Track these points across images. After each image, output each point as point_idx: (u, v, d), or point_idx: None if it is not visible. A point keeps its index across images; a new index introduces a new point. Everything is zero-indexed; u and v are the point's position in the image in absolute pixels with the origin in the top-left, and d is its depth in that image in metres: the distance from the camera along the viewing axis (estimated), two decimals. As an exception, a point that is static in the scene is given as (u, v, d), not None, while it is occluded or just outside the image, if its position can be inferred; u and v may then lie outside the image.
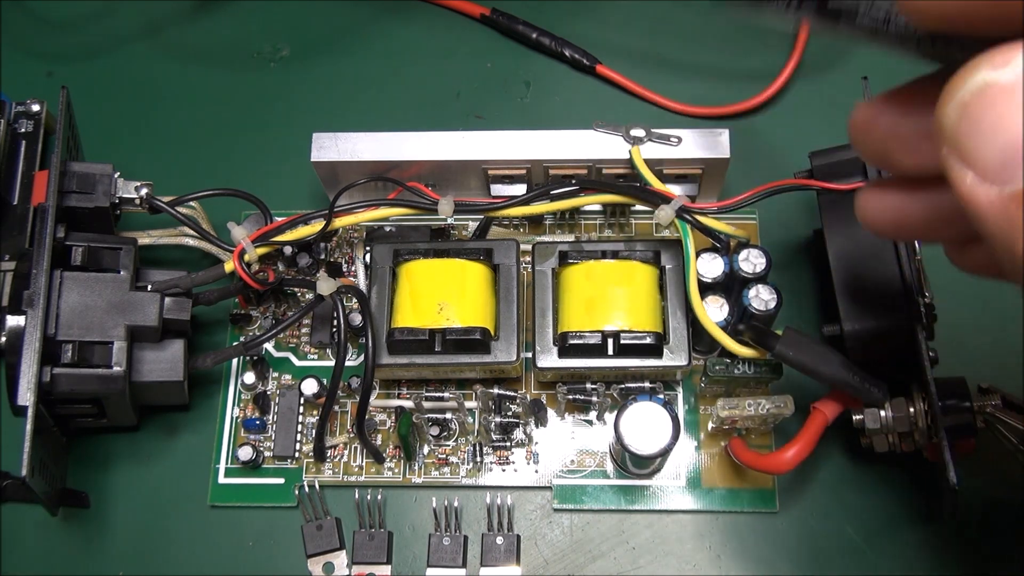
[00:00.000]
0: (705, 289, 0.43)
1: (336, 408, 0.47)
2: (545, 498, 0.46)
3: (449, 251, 0.45)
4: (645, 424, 0.42)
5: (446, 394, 0.47)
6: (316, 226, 0.46)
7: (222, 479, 0.46)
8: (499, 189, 0.48)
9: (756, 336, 0.41)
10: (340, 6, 0.59)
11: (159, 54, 0.58)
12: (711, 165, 0.46)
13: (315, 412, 0.47)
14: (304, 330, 0.49)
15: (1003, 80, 0.22)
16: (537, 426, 0.46)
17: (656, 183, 0.45)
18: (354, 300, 0.46)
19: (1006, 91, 0.22)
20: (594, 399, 0.45)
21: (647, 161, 0.45)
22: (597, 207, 0.50)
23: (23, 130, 0.51)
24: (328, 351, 0.48)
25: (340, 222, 0.46)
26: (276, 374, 0.48)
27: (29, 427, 0.39)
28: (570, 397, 0.46)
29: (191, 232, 0.47)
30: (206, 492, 0.46)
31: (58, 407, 0.43)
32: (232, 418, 0.47)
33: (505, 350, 0.44)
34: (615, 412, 0.42)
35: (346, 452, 0.47)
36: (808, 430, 0.41)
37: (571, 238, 0.50)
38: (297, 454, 0.47)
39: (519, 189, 0.48)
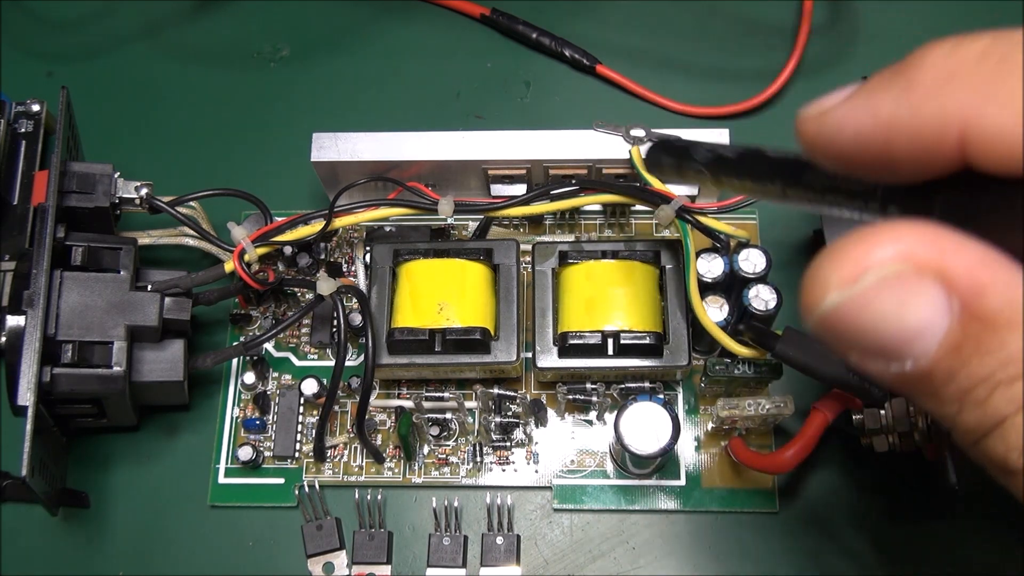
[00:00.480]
0: (705, 289, 0.43)
1: (336, 408, 0.47)
2: (545, 498, 0.46)
3: (449, 251, 0.45)
4: (645, 424, 0.42)
5: (446, 394, 0.47)
6: (316, 226, 0.46)
7: (222, 479, 0.46)
8: (499, 189, 0.48)
9: (756, 336, 0.41)
10: (340, 6, 0.59)
11: (159, 54, 0.58)
12: (711, 165, 0.46)
13: (315, 412, 0.47)
14: (304, 330, 0.49)
15: (854, 296, 0.22)
16: (537, 426, 0.46)
17: (656, 183, 0.45)
18: (354, 300, 0.46)
19: (857, 306, 0.22)
20: (594, 399, 0.45)
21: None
22: (597, 207, 0.50)
23: (23, 130, 0.51)
24: (328, 351, 0.48)
25: (340, 222, 0.46)
26: (276, 374, 0.48)
27: (29, 427, 0.39)
28: (570, 397, 0.46)
29: (191, 232, 0.47)
30: (206, 492, 0.46)
31: (58, 407, 0.43)
32: (232, 418, 0.47)
33: (505, 350, 0.44)
34: (615, 412, 0.42)
35: (346, 452, 0.47)
36: (808, 430, 0.41)
37: (571, 238, 0.50)
38: (297, 454, 0.47)
39: (519, 189, 0.48)
